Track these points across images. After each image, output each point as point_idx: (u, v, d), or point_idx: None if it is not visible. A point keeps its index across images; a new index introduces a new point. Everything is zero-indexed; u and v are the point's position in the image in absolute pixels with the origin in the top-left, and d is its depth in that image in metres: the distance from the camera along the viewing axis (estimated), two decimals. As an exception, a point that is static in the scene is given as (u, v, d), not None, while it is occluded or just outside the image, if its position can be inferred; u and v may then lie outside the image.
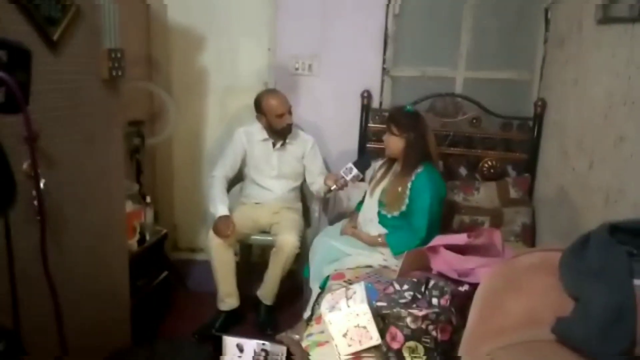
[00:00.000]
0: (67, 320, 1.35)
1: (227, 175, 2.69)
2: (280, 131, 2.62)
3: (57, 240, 1.65)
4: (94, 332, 1.80)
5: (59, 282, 1.31)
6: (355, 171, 2.37)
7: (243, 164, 2.73)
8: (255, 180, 2.74)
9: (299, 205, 2.86)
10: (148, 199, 2.58)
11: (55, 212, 1.60)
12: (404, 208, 2.27)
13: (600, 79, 2.02)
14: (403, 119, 2.30)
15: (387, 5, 2.86)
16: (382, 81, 2.96)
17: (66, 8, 1.56)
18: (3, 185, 0.59)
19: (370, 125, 2.92)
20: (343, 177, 2.38)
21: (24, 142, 1.37)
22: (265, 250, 3.02)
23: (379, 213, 2.39)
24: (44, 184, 1.51)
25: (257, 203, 2.76)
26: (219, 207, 2.53)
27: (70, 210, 1.69)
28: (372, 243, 2.34)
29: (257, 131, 2.69)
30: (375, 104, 2.95)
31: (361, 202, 2.58)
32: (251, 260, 3.11)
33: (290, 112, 2.60)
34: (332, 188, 2.41)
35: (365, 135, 2.93)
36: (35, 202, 1.52)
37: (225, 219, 2.50)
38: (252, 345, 0.96)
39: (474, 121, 2.83)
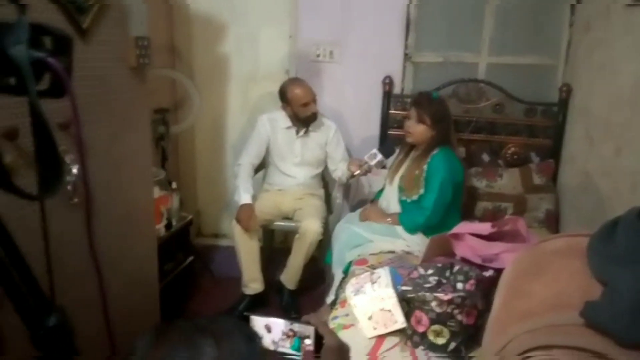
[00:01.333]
0: (99, 302, 1.40)
1: (253, 163, 2.72)
2: (305, 119, 2.63)
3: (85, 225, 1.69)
4: (124, 316, 1.85)
5: (91, 266, 1.36)
6: (379, 156, 2.37)
7: (267, 151, 2.75)
8: (279, 167, 2.77)
9: (322, 191, 2.89)
10: (174, 185, 2.62)
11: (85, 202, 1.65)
12: (422, 191, 2.28)
13: (629, 63, 1.98)
14: (433, 108, 2.28)
15: (410, -9, 2.84)
16: (404, 67, 2.94)
17: (95, -3, 1.59)
18: (52, 169, 0.61)
19: (392, 111, 2.91)
20: (367, 163, 2.39)
21: (57, 128, 1.41)
22: (288, 236, 3.06)
23: (400, 199, 2.40)
24: (77, 170, 1.56)
25: (280, 190, 2.79)
26: (243, 196, 2.57)
27: (101, 195, 1.73)
28: (382, 221, 2.36)
29: (280, 118, 2.71)
30: (397, 90, 2.94)
31: (381, 190, 2.60)
32: (273, 245, 3.15)
33: (315, 101, 2.62)
34: (356, 173, 2.43)
35: (386, 122, 2.92)
36: (69, 187, 1.57)
37: (247, 207, 2.53)
38: (280, 325, 0.97)
39: (497, 107, 2.80)
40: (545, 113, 2.77)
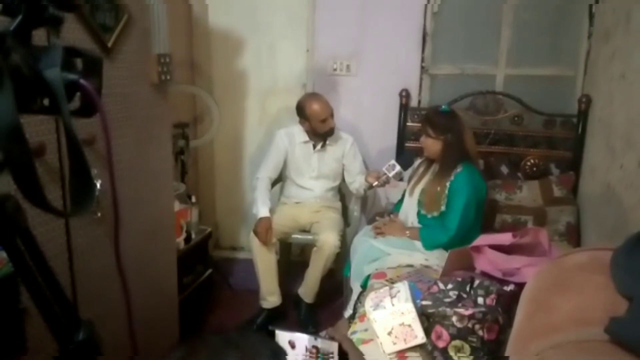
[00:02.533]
0: (121, 316, 1.42)
1: (271, 177, 2.74)
2: (323, 134, 2.65)
3: (111, 239, 1.72)
4: (144, 327, 1.87)
5: (113, 278, 1.38)
6: (398, 167, 2.37)
7: (284, 164, 2.77)
8: (296, 181, 2.78)
9: (339, 204, 2.89)
10: (193, 199, 2.66)
11: (110, 211, 1.68)
12: (443, 208, 2.27)
13: (650, 73, 1.96)
14: (439, 120, 2.29)
15: (426, 4, 2.85)
16: (421, 80, 2.95)
17: (119, 15, 1.64)
18: (84, 187, 0.63)
19: (409, 124, 2.92)
20: (385, 174, 2.39)
21: (83, 144, 1.45)
22: (305, 249, 3.06)
23: (418, 213, 2.39)
24: (100, 185, 1.59)
25: (297, 202, 2.80)
26: (261, 209, 2.58)
27: (124, 209, 1.76)
28: (401, 235, 2.35)
29: (297, 133, 2.73)
30: (413, 102, 2.95)
31: (400, 202, 2.59)
32: (291, 258, 3.16)
33: (332, 116, 2.63)
34: (374, 184, 2.43)
35: (403, 134, 2.93)
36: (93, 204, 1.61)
37: (265, 220, 2.55)
38: (303, 340, 0.97)
39: (516, 119, 2.79)
40: (565, 124, 2.74)
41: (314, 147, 2.72)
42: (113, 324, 1.28)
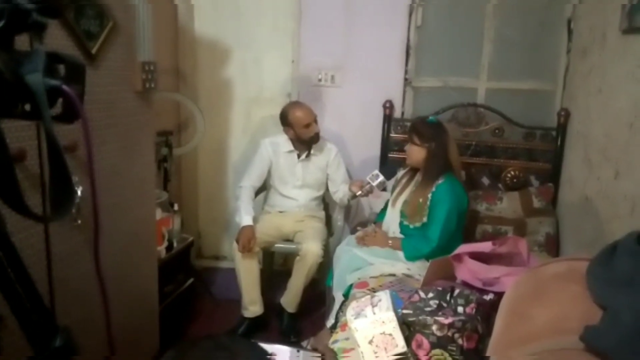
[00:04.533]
0: (99, 323, 1.40)
1: (255, 186, 2.74)
2: (308, 141, 2.66)
3: (91, 246, 1.71)
4: (124, 335, 1.85)
5: (92, 286, 1.37)
6: (381, 177, 2.40)
7: (268, 173, 2.77)
8: (279, 190, 2.79)
9: (322, 214, 2.90)
10: (176, 207, 2.64)
11: (90, 218, 1.67)
12: (425, 219, 2.29)
13: (625, 88, 2.02)
14: (425, 129, 2.32)
15: (409, 17, 2.90)
16: (404, 92, 2.99)
17: (104, 22, 1.64)
18: (64, 192, 0.63)
19: (392, 135, 2.95)
20: (369, 183, 2.41)
21: (63, 150, 1.43)
22: (288, 258, 3.06)
23: (400, 223, 2.41)
24: (81, 192, 1.58)
25: (280, 212, 2.80)
26: (244, 217, 2.58)
27: (105, 217, 1.74)
28: (383, 245, 2.36)
29: (282, 142, 2.74)
30: (397, 114, 2.98)
31: (383, 212, 2.61)
32: (273, 268, 3.15)
33: (316, 121, 2.65)
34: (358, 194, 2.45)
35: (387, 145, 2.96)
36: (73, 209, 1.59)
37: (248, 229, 2.54)
38: (286, 353, 0.97)
39: (497, 131, 2.84)
40: (544, 137, 2.80)
41: (299, 156, 2.73)
42: (92, 331, 1.26)
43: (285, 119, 2.65)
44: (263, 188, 2.88)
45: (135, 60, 1.82)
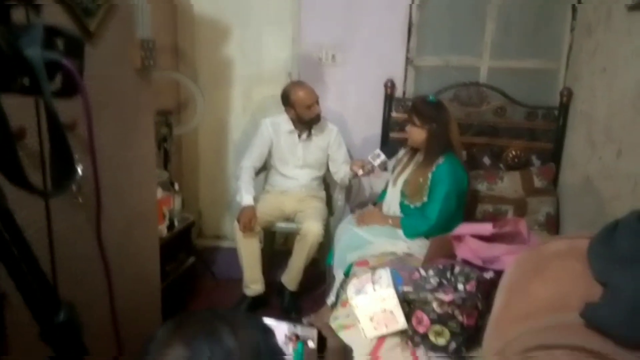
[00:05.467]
0: (102, 302, 1.41)
1: (255, 166, 2.74)
2: (309, 121, 2.65)
3: (93, 225, 1.71)
4: (126, 315, 1.86)
5: (95, 264, 1.37)
6: (382, 156, 2.38)
7: (269, 154, 2.76)
8: (280, 170, 2.78)
9: (323, 193, 2.90)
10: (176, 187, 2.64)
11: (91, 197, 1.66)
12: (425, 199, 2.29)
13: (630, 66, 1.99)
14: (425, 109, 2.30)
15: (412, -5, 2.86)
16: (406, 71, 2.96)
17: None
18: (64, 166, 0.63)
19: (394, 114, 2.93)
20: (370, 163, 2.40)
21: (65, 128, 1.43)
22: (289, 238, 3.07)
23: (401, 203, 2.42)
24: (82, 170, 1.57)
25: (281, 191, 2.80)
26: (245, 197, 2.58)
27: (105, 196, 1.74)
28: (383, 223, 2.37)
29: (283, 122, 2.72)
30: (398, 93, 2.96)
31: (384, 192, 2.61)
32: (274, 247, 3.17)
33: (317, 102, 2.63)
34: (359, 173, 2.43)
35: (388, 125, 2.94)
36: (74, 188, 1.59)
37: (249, 209, 2.55)
38: (283, 328, 0.98)
39: (499, 110, 2.82)
40: (546, 117, 2.78)
41: (299, 136, 2.72)
42: (95, 309, 1.27)
43: (286, 99, 2.63)
44: (264, 168, 2.88)
45: (134, 37, 1.79)
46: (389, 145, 2.73)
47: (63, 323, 0.69)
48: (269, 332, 0.67)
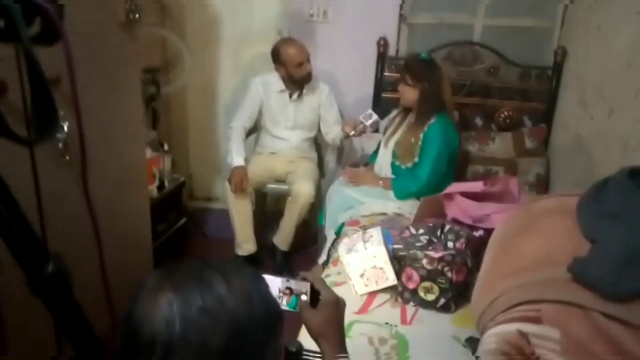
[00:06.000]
0: (92, 259, 1.41)
1: (245, 126, 2.70)
2: (300, 80, 2.59)
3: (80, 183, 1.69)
4: (117, 273, 1.87)
5: (84, 223, 1.36)
6: (375, 117, 2.36)
7: (259, 114, 2.73)
8: (271, 131, 2.75)
9: (314, 155, 2.89)
10: (166, 147, 2.61)
11: (78, 155, 1.64)
12: (416, 159, 2.29)
13: (626, 24, 1.96)
14: (418, 67, 2.27)
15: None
16: (399, 28, 2.90)
17: (81, -53, 1.53)
18: (47, 113, 0.60)
19: (386, 74, 2.88)
20: (362, 123, 2.37)
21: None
22: (280, 199, 3.07)
23: (392, 164, 2.41)
24: (68, 127, 1.54)
25: (272, 153, 2.78)
26: (235, 158, 2.56)
27: (93, 154, 1.71)
28: (374, 184, 2.38)
29: (273, 81, 2.67)
30: (391, 52, 2.90)
31: (375, 153, 2.60)
32: (266, 208, 3.17)
33: (309, 60, 2.57)
34: (351, 134, 2.42)
35: (380, 84, 2.90)
36: (60, 145, 1.56)
37: (240, 169, 2.53)
38: (276, 283, 0.98)
39: (492, 70, 2.78)
40: (540, 77, 2.76)
41: (290, 96, 2.68)
42: (85, 265, 1.26)
43: (277, 57, 2.57)
44: (254, 129, 2.84)
45: (117, -11, 1.72)
46: (381, 106, 2.70)
47: (52, 274, 0.68)
48: (259, 279, 0.67)
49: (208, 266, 0.62)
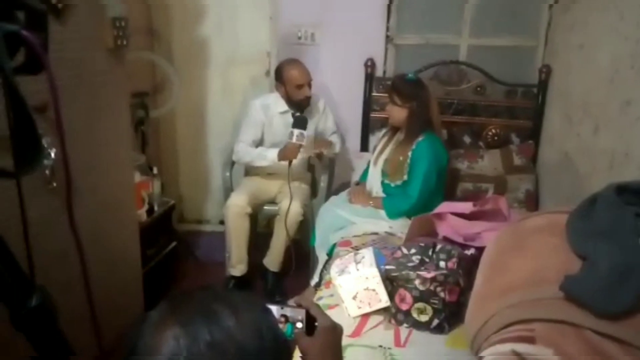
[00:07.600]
0: (82, 288, 1.38)
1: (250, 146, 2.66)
2: (297, 103, 2.57)
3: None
4: (107, 299, 1.83)
5: (73, 250, 1.34)
6: (295, 132, 2.39)
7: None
8: None
9: (309, 175, 2.89)
10: (155, 170, 2.59)
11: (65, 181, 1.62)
12: (405, 177, 2.30)
13: (607, 42, 2.00)
14: (405, 87, 2.30)
15: (391, -28, 2.82)
16: (386, 49, 2.93)
17: (69, -25, 1.54)
18: (30, 145, 0.60)
19: (374, 94, 2.91)
20: (301, 145, 2.41)
21: (34, 111, 1.37)
22: (271, 221, 3.05)
23: (382, 182, 2.42)
24: (55, 154, 1.52)
25: (269, 174, 2.74)
26: (269, 152, 2.54)
27: (81, 180, 1.69)
28: (365, 204, 2.39)
29: (273, 102, 2.64)
30: (379, 72, 2.93)
31: (365, 172, 2.60)
32: (257, 230, 3.15)
33: (309, 85, 2.56)
34: (312, 155, 2.50)
35: (369, 104, 2.92)
36: (47, 172, 1.54)
37: (289, 144, 2.45)
38: (272, 311, 0.96)
39: (478, 89, 2.82)
40: (526, 94, 2.80)
41: (293, 115, 2.64)
42: (74, 293, 1.24)
43: (279, 75, 2.57)
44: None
45: (105, 15, 1.73)
46: (370, 126, 2.72)
47: (35, 307, 0.66)
48: (268, 311, 0.65)
49: (215, 298, 0.59)
